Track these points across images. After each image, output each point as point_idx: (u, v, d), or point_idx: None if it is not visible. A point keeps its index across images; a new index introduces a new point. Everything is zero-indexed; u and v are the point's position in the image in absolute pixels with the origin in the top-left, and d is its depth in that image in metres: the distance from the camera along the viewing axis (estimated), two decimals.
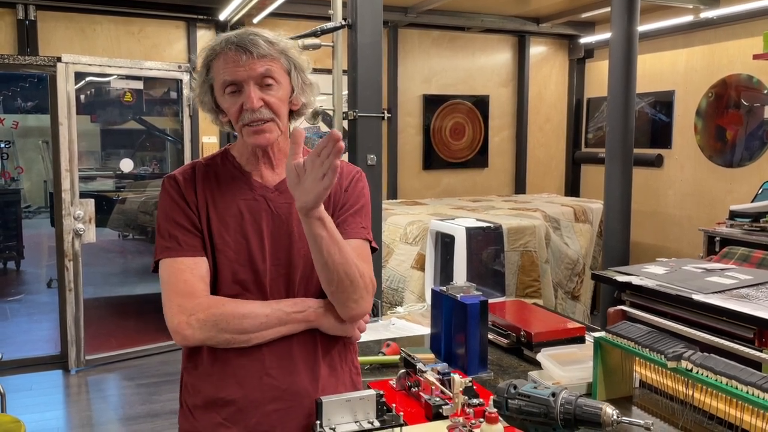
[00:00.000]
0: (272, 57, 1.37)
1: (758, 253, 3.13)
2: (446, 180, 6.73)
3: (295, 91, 1.42)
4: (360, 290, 1.37)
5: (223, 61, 1.36)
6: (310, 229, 1.30)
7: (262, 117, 1.37)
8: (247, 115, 1.36)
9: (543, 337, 1.96)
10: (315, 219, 1.29)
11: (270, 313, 1.35)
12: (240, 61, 1.34)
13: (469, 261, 3.22)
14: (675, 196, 6.03)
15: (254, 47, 1.35)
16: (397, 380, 1.74)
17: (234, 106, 1.37)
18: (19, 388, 4.31)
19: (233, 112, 1.38)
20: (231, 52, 1.35)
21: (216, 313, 1.33)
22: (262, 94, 1.36)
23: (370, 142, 3.37)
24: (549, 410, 1.23)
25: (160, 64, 5.10)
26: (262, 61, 1.35)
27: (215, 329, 1.32)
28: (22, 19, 4.91)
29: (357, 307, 1.39)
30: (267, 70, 1.36)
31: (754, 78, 5.20)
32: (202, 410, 1.40)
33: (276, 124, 1.39)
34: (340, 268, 1.33)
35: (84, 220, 4.64)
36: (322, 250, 1.31)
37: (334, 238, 1.32)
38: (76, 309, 4.66)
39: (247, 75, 1.35)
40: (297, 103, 1.44)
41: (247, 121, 1.37)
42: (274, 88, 1.38)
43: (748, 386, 1.25)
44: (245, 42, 1.35)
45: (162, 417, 3.89)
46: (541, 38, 6.98)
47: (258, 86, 1.36)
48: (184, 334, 1.32)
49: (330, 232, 1.31)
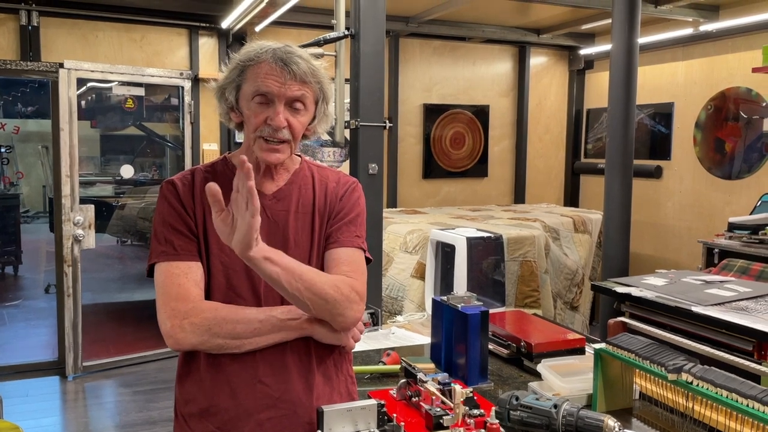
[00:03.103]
0: (309, 84, 1.39)
1: (757, 266, 3.14)
2: (446, 189, 6.74)
3: (315, 120, 1.45)
4: (340, 304, 1.36)
5: (265, 71, 1.36)
6: (262, 272, 1.28)
7: (282, 137, 1.38)
8: (268, 130, 1.37)
9: (543, 347, 1.96)
10: (261, 260, 1.26)
11: (264, 319, 1.35)
12: (280, 78, 1.35)
13: (469, 271, 3.23)
14: (674, 207, 6.04)
15: (297, 68, 1.36)
16: (398, 390, 1.74)
17: (258, 116, 1.38)
18: (15, 394, 4.29)
19: (255, 121, 1.38)
20: (274, 65, 1.35)
21: (209, 317, 1.33)
22: (289, 116, 1.38)
23: (372, 151, 3.37)
24: (551, 422, 1.23)
25: (162, 71, 5.11)
26: (300, 85, 1.37)
27: (208, 334, 1.32)
28: (24, 24, 4.92)
29: (344, 320, 1.38)
30: (302, 95, 1.38)
31: (753, 91, 5.22)
32: (197, 419, 1.40)
33: (290, 146, 1.41)
34: (306, 293, 1.32)
35: (84, 226, 4.64)
36: (283, 286, 1.30)
37: (289, 268, 1.30)
38: (74, 315, 4.65)
39: (282, 93, 1.36)
40: (311, 131, 1.47)
41: (266, 135, 1.38)
42: (301, 112, 1.40)
43: (748, 399, 1.26)
44: (291, 60, 1.36)
45: (159, 424, 3.88)
46: (542, 49, 7.01)
47: (287, 106, 1.38)
48: (177, 337, 1.32)
49: (283, 265, 1.30)
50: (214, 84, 1.46)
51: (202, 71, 5.45)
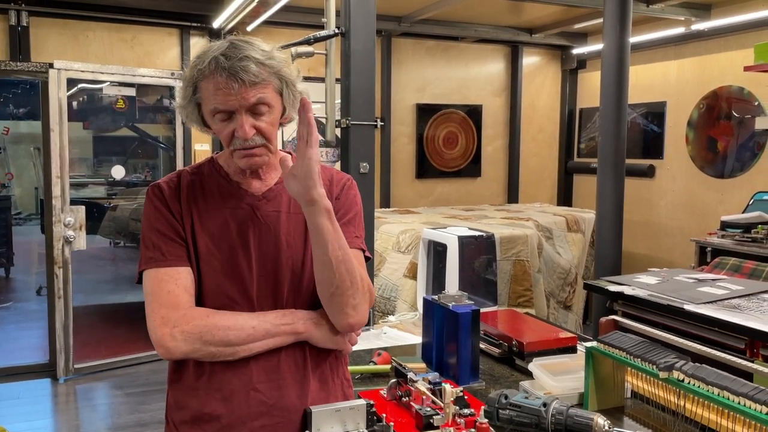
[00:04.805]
0: (264, 82, 1.30)
1: (749, 264, 3.14)
2: (439, 189, 6.73)
3: (286, 109, 1.39)
4: (359, 293, 1.34)
5: (214, 87, 1.29)
6: (313, 220, 1.28)
7: (254, 144, 1.33)
8: (239, 142, 1.32)
9: (535, 346, 1.95)
10: (322, 209, 1.28)
11: (257, 324, 1.32)
12: (231, 91, 1.27)
13: (461, 270, 3.21)
14: (667, 206, 6.05)
15: (246, 74, 1.27)
16: (388, 390, 1.72)
17: (224, 131, 1.33)
18: (6, 397, 4.26)
19: (224, 136, 1.34)
20: (221, 78, 1.27)
21: (201, 324, 1.29)
22: (255, 121, 1.32)
23: (363, 150, 3.36)
24: (540, 420, 1.22)
25: (153, 71, 5.08)
26: (255, 88, 1.29)
27: (200, 342, 1.28)
28: (14, 25, 4.89)
29: (355, 314, 1.35)
30: (259, 98, 1.30)
31: (744, 90, 5.24)
32: (189, 426, 1.37)
33: (267, 148, 1.36)
34: (342, 265, 1.30)
35: (74, 227, 4.61)
36: (326, 244, 1.29)
37: (338, 233, 1.31)
38: (65, 317, 4.62)
39: (239, 104, 1.29)
40: (288, 118, 1.42)
41: (239, 147, 1.33)
42: (266, 114, 1.33)
43: (739, 397, 1.25)
44: (236, 69, 1.27)
45: (151, 426, 3.85)
46: (534, 48, 7.01)
47: (250, 113, 1.32)
48: (168, 346, 1.28)
49: (335, 225, 1.30)
50: (176, 104, 1.42)
51: None
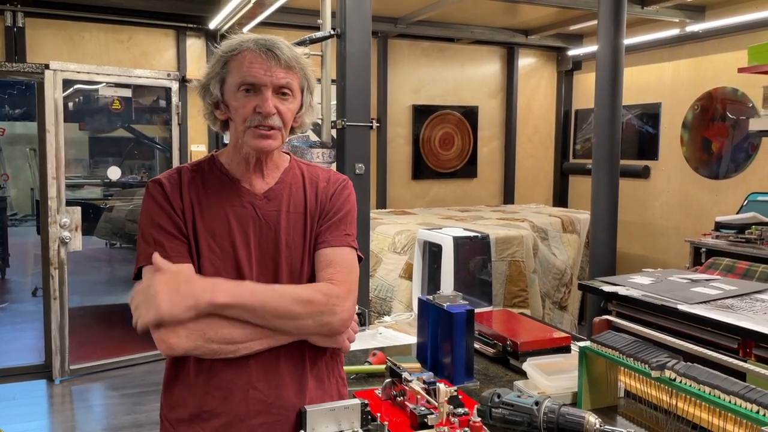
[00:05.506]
0: (294, 70, 1.38)
1: (743, 264, 3.16)
2: (435, 190, 6.74)
3: (302, 108, 1.43)
4: (321, 307, 1.33)
5: (249, 60, 1.35)
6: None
7: (272, 124, 1.36)
8: (258, 118, 1.35)
9: (529, 346, 1.96)
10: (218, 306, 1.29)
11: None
12: (265, 65, 1.34)
13: (456, 270, 3.23)
14: (662, 207, 6.07)
15: (282, 54, 1.35)
16: (383, 390, 1.73)
17: (246, 106, 1.35)
18: (2, 398, 4.26)
19: (244, 111, 1.36)
20: (258, 52, 1.34)
21: (203, 321, 1.29)
22: (278, 103, 1.36)
23: (358, 151, 3.37)
24: (532, 419, 1.23)
25: (149, 72, 5.08)
26: (286, 71, 1.36)
27: (202, 339, 1.28)
28: (10, 25, 4.88)
29: (333, 320, 1.35)
30: (288, 82, 1.37)
31: (739, 91, 5.26)
32: (187, 424, 1.37)
33: (281, 133, 1.39)
34: (271, 314, 1.31)
35: (70, 228, 4.60)
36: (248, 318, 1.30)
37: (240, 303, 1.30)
38: (61, 318, 4.62)
39: (269, 81, 1.35)
40: (299, 121, 1.45)
41: (256, 124, 1.35)
42: (289, 99, 1.38)
43: (731, 396, 1.26)
44: (275, 47, 1.35)
45: (147, 427, 3.85)
46: (530, 50, 7.03)
47: (275, 94, 1.36)
48: (170, 343, 1.28)
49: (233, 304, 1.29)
50: (196, 83, 1.43)
51: (190, 72, 5.43)
